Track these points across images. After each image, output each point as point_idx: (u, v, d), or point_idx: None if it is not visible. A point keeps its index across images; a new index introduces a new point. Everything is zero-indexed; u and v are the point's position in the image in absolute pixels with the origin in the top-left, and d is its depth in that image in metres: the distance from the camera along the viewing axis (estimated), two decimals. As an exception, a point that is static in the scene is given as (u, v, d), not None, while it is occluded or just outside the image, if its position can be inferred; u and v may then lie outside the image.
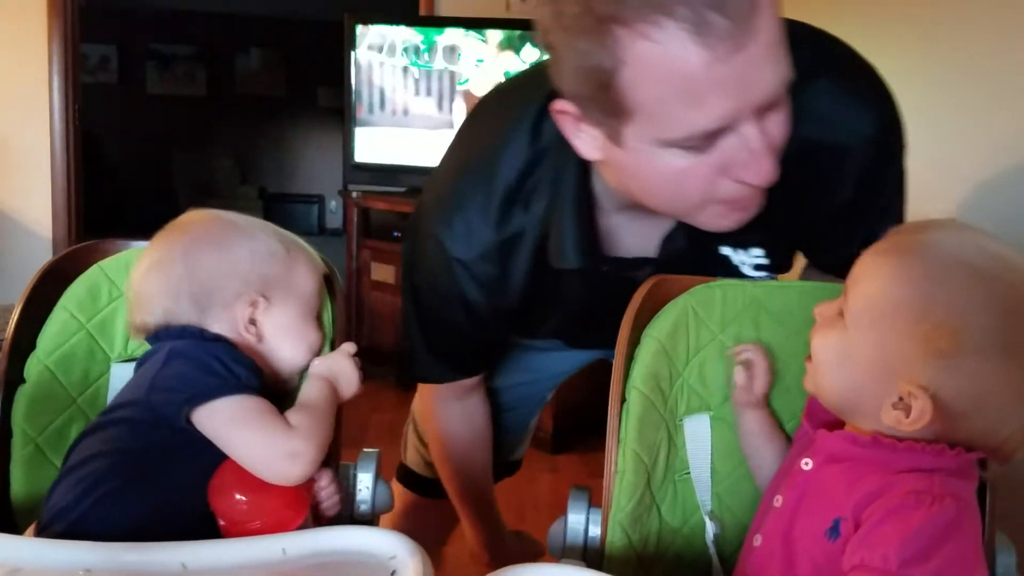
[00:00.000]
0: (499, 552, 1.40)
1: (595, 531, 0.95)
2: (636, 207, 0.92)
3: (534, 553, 1.54)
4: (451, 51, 3.35)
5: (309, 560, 0.78)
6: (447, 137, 1.13)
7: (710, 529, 0.94)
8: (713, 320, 0.98)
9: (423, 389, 1.28)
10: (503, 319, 1.09)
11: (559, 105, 0.84)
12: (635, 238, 1.02)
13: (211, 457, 0.86)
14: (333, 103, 6.24)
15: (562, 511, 0.97)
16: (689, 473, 0.97)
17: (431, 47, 3.37)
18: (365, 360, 1.01)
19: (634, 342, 0.97)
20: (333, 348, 1.03)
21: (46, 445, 0.97)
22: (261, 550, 0.78)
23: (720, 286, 0.98)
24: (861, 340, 0.75)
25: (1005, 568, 0.87)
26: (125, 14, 6.56)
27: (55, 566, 0.74)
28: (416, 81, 3.40)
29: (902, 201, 1.03)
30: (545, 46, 0.81)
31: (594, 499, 0.96)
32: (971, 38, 1.62)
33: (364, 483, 1.01)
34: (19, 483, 0.96)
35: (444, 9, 3.67)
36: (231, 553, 0.78)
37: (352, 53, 3.40)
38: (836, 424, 0.82)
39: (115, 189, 6.46)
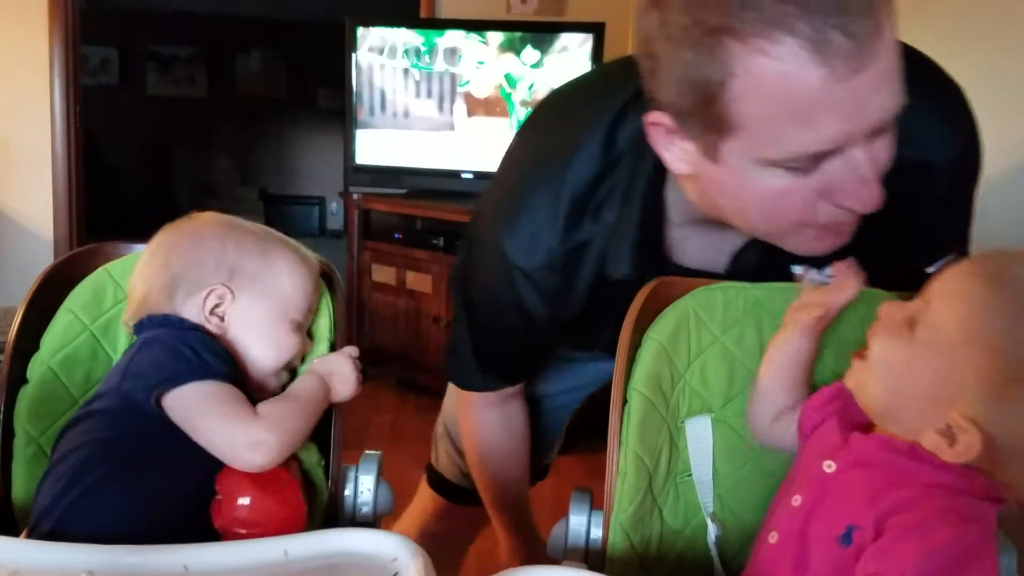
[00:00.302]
0: (534, 563, 1.39)
1: (597, 533, 0.95)
2: (710, 222, 0.90)
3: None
4: (452, 53, 3.35)
5: (311, 562, 0.78)
6: (448, 139, 1.13)
7: (712, 531, 0.94)
8: (715, 322, 0.98)
9: (461, 395, 1.24)
10: (561, 330, 1.07)
11: (653, 117, 0.82)
12: (703, 252, 0.99)
13: (189, 442, 0.85)
14: (334, 105, 6.24)
15: (564, 512, 0.97)
16: (691, 475, 0.97)
17: (432, 49, 3.37)
18: (365, 361, 1.01)
19: (635, 344, 0.97)
20: (333, 350, 1.03)
21: (48, 446, 0.97)
22: (263, 552, 0.78)
23: (721, 288, 0.98)
24: (929, 358, 0.72)
25: (1006, 569, 0.87)
26: (125, 16, 6.57)
27: (56, 568, 0.74)
28: (417, 83, 3.40)
29: (970, 225, 1.01)
30: (646, 55, 0.79)
31: (596, 501, 0.96)
32: (974, 43, 1.62)
33: (366, 485, 1.01)
34: (21, 484, 0.96)
35: (445, 11, 3.68)
36: (233, 555, 0.78)
37: (353, 55, 3.41)
38: (864, 427, 0.81)
39: (116, 191, 6.46)
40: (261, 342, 0.96)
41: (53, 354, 1.00)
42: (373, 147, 3.47)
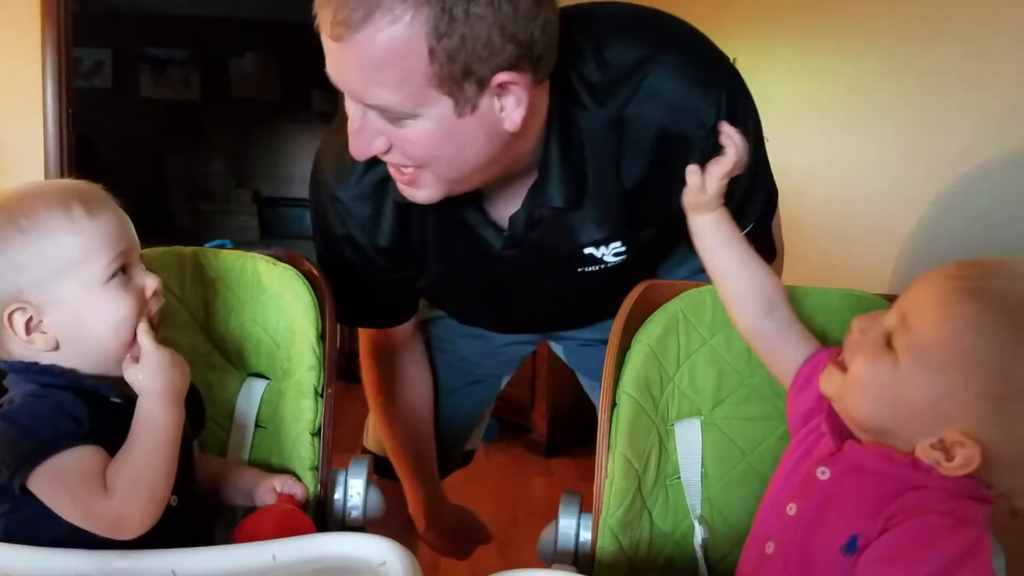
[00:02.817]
0: (436, 518, 1.42)
1: (586, 536, 0.95)
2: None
3: (477, 535, 1.55)
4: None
5: (299, 566, 0.78)
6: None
7: (698, 533, 0.94)
8: (703, 325, 0.98)
9: (361, 336, 1.31)
10: (390, 263, 1.11)
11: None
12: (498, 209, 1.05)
13: None
14: (327, 107, 6.23)
15: (556, 515, 0.97)
16: (680, 478, 0.97)
17: (425, 51, 3.36)
18: (355, 364, 1.01)
19: (624, 347, 0.97)
20: (325, 341, 1.03)
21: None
22: (251, 556, 0.78)
23: (710, 291, 0.98)
24: (919, 382, 0.71)
25: (996, 572, 0.87)
26: (119, 18, 6.54)
27: (47, 574, 0.74)
28: (410, 85, 3.40)
29: (762, 198, 1.04)
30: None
31: (586, 504, 0.97)
32: (940, 44, 1.63)
33: (355, 489, 1.02)
34: None
35: (438, 13, 3.67)
36: (221, 560, 0.78)
37: (346, 57, 3.40)
38: (850, 432, 0.81)
39: (109, 193, 6.43)
40: (92, 327, 0.82)
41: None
42: (366, 150, 3.46)
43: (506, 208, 1.02)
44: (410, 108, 0.84)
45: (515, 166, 0.96)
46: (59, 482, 0.75)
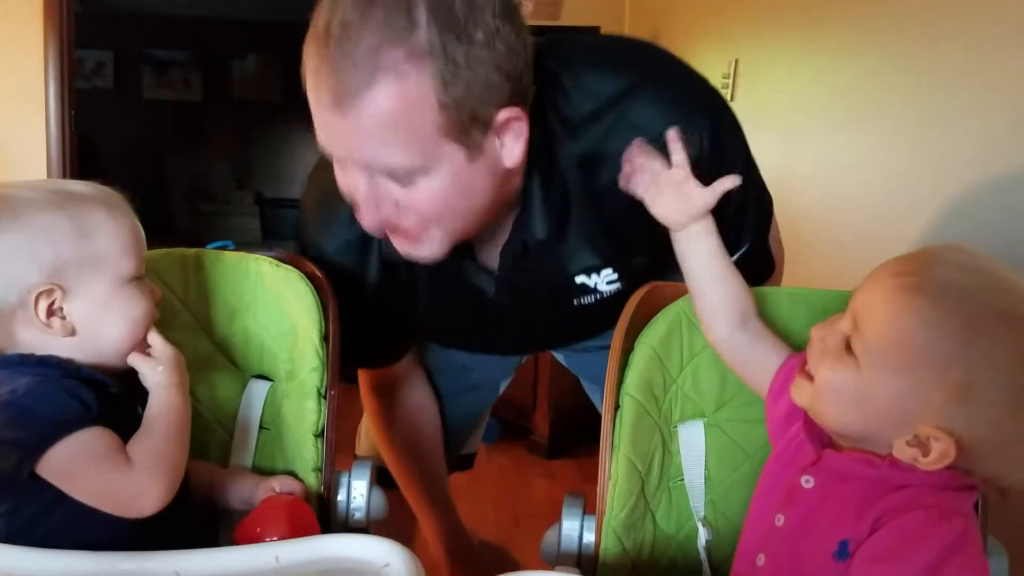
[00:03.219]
0: (460, 553, 1.40)
1: (589, 538, 0.95)
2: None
3: (506, 567, 1.53)
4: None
5: (303, 568, 0.78)
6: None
7: (702, 535, 0.94)
8: (706, 327, 0.98)
9: (360, 376, 1.29)
10: (381, 313, 1.11)
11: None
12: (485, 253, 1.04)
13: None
14: (329, 108, 6.25)
15: (558, 517, 0.97)
16: (683, 480, 0.97)
17: (427, 53, 3.37)
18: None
19: (627, 349, 0.97)
20: (328, 343, 1.03)
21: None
22: (255, 558, 0.78)
23: (713, 293, 0.98)
24: (882, 383, 0.72)
25: (997, 572, 0.87)
26: (121, 20, 6.55)
27: (51, 574, 0.74)
28: (412, 86, 3.40)
29: (756, 218, 1.04)
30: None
31: (589, 506, 0.97)
32: (944, 43, 1.63)
33: (359, 491, 1.02)
34: None
35: (439, 14, 3.67)
36: (225, 561, 0.78)
37: (348, 59, 3.40)
38: (829, 439, 0.81)
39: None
40: (112, 320, 0.85)
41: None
42: (368, 151, 3.46)
43: (494, 249, 1.02)
44: (422, 163, 0.83)
45: (503, 205, 0.96)
46: (77, 461, 0.77)
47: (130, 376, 0.86)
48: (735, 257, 1.03)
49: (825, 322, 0.79)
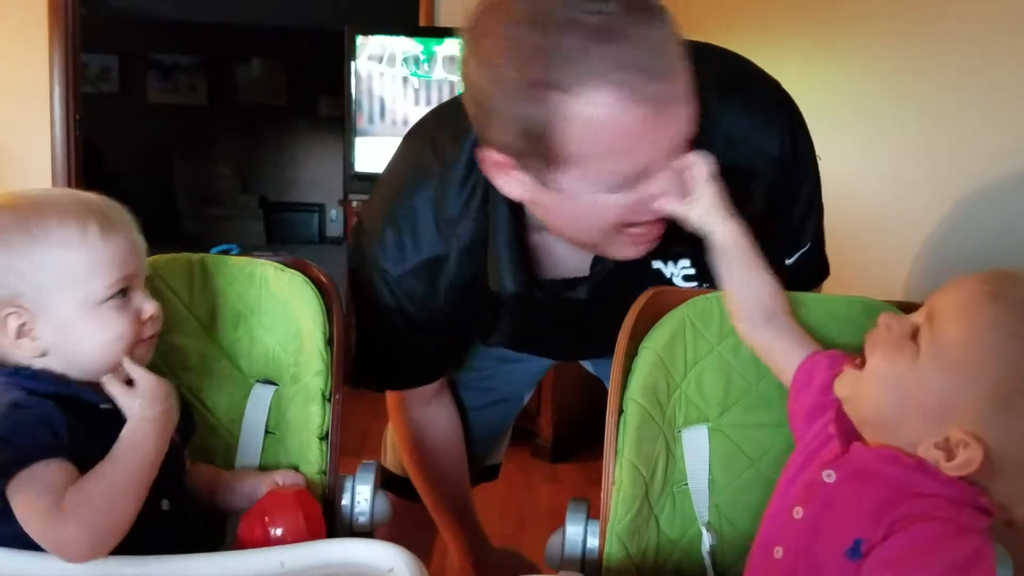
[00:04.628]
0: (485, 566, 1.40)
1: (593, 543, 0.95)
2: None
3: (524, 570, 1.53)
4: (451, 61, 3.36)
5: (307, 572, 0.78)
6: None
7: (706, 540, 0.94)
8: (711, 331, 0.98)
9: (390, 400, 1.30)
10: (444, 329, 1.12)
11: (486, 154, 0.90)
12: (568, 258, 1.05)
13: None
14: (334, 113, 6.25)
15: (563, 521, 0.97)
16: (687, 484, 0.97)
17: (431, 57, 3.37)
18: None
19: (631, 353, 0.97)
20: (332, 353, 1.03)
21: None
22: (260, 563, 0.78)
23: (717, 297, 0.98)
24: (933, 376, 0.73)
25: (1003, 580, 0.87)
26: (126, 24, 6.57)
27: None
28: (416, 91, 3.41)
29: (817, 216, 1.07)
30: (474, 103, 0.87)
31: (593, 510, 0.97)
32: (957, 47, 1.63)
33: (363, 495, 1.02)
34: None
35: (444, 19, 3.68)
36: (230, 566, 0.78)
37: (352, 63, 3.41)
38: (858, 435, 0.81)
39: (116, 198, 6.43)
40: (82, 341, 0.82)
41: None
42: (372, 155, 3.47)
43: (572, 258, 1.04)
44: None
45: None
46: (25, 495, 0.75)
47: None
48: (795, 257, 1.06)
49: (897, 314, 0.81)
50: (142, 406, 0.82)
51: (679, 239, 0.96)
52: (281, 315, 1.06)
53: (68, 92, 3.42)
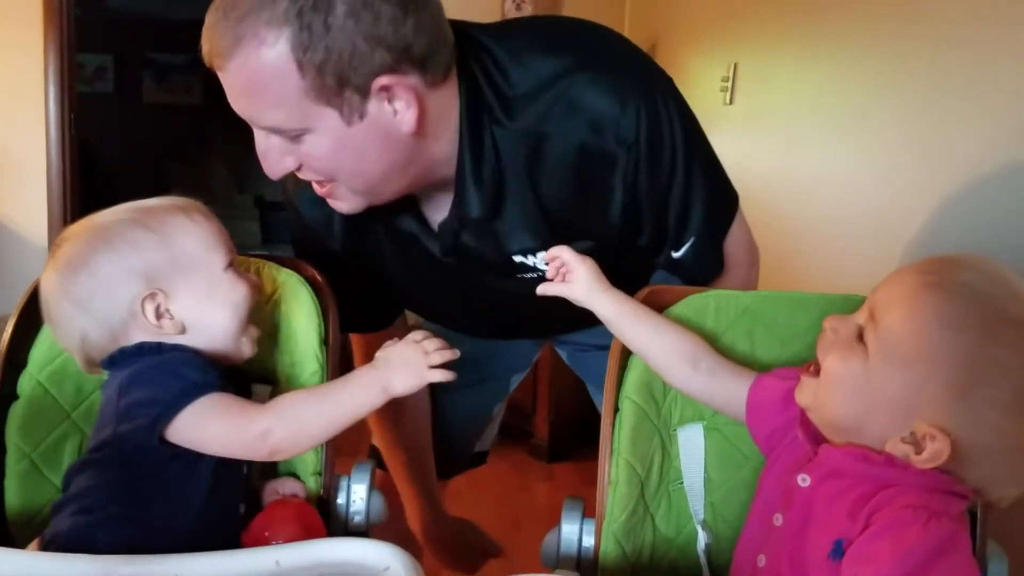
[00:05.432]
0: (436, 532, 1.42)
1: (589, 541, 0.95)
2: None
3: (483, 549, 1.54)
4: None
5: (303, 572, 0.78)
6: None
7: (702, 539, 0.94)
8: (706, 330, 0.98)
9: (356, 355, 1.30)
10: (353, 266, 1.14)
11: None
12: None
13: (188, 470, 0.87)
14: (329, 112, 6.26)
15: (558, 520, 0.97)
16: (683, 483, 0.97)
17: (427, 56, 3.37)
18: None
19: (627, 352, 0.97)
20: (328, 346, 1.04)
21: (41, 460, 0.97)
22: (255, 562, 0.78)
23: (713, 296, 0.98)
24: (889, 375, 0.73)
25: (998, 576, 0.88)
26: (121, 24, 6.56)
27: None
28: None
29: (704, 205, 1.03)
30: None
31: (588, 509, 0.97)
32: (945, 48, 1.63)
33: (358, 494, 1.02)
34: (14, 497, 0.96)
35: (439, 18, 3.68)
36: (225, 565, 0.78)
37: (348, 62, 3.41)
38: (824, 436, 0.81)
39: (111, 198, 6.39)
40: (216, 308, 0.92)
41: (41, 369, 0.99)
42: (368, 154, 3.47)
43: (439, 216, 1.05)
44: (298, 124, 0.88)
45: (435, 173, 0.98)
46: (207, 414, 0.85)
47: (235, 373, 0.94)
48: (682, 251, 1.04)
49: (839, 315, 0.80)
50: (387, 366, 0.90)
51: (544, 228, 1.00)
52: (276, 314, 1.05)
53: (63, 92, 3.41)
